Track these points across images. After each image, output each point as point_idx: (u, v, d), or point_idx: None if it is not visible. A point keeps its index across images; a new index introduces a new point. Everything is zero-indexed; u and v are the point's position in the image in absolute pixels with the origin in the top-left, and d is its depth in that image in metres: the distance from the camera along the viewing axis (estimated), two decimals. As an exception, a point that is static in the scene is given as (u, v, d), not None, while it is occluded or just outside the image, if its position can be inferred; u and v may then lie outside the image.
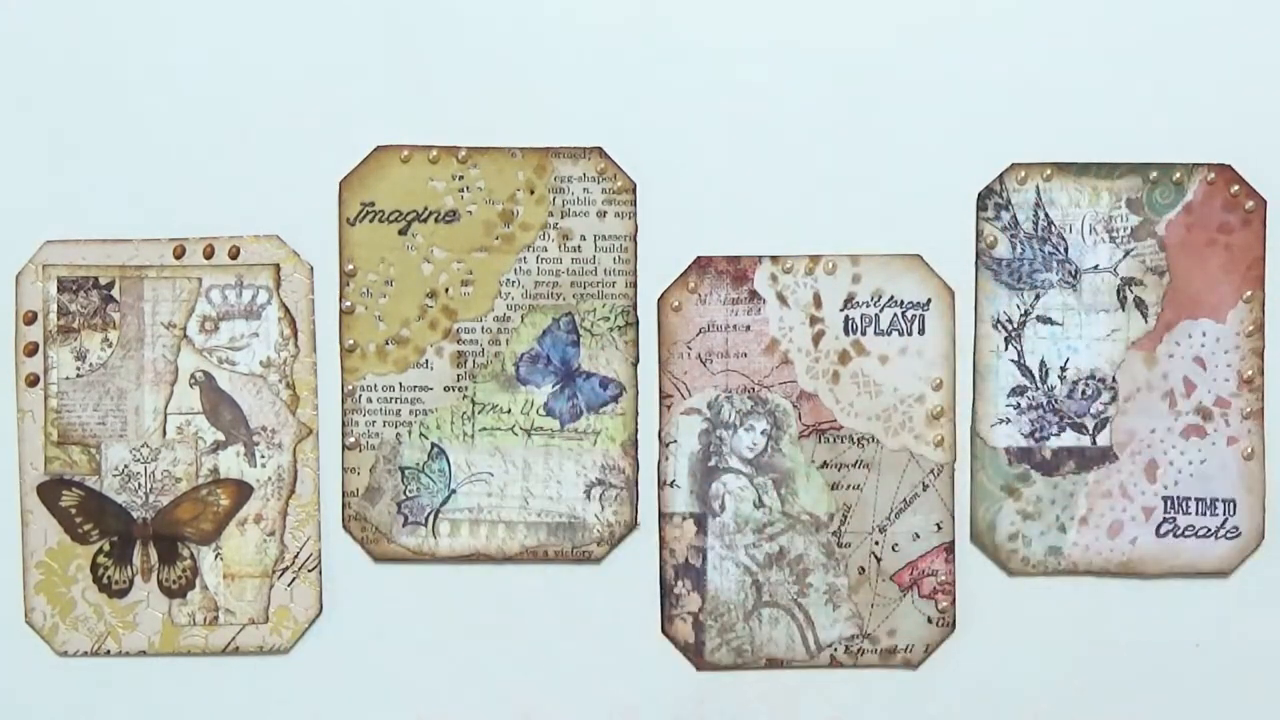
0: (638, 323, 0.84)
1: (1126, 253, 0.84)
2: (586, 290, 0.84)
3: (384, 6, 0.83)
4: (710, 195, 0.84)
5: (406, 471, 0.85)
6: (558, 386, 0.84)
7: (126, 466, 0.84)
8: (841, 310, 0.84)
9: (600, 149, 0.83)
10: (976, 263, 0.84)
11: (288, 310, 0.84)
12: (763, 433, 0.84)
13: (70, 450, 0.84)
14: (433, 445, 0.84)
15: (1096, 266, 0.84)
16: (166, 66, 0.83)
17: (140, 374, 0.84)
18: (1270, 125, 0.84)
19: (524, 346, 0.84)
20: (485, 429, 0.84)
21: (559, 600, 0.85)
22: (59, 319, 0.84)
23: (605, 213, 0.84)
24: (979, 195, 0.84)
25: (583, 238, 0.84)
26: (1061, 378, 0.84)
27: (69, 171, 0.83)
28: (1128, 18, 0.83)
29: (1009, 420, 0.85)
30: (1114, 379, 0.84)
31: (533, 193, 0.84)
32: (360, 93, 0.83)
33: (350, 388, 0.84)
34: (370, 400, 0.84)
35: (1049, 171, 0.84)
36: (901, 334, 0.84)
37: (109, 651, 0.85)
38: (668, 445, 0.85)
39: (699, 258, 0.84)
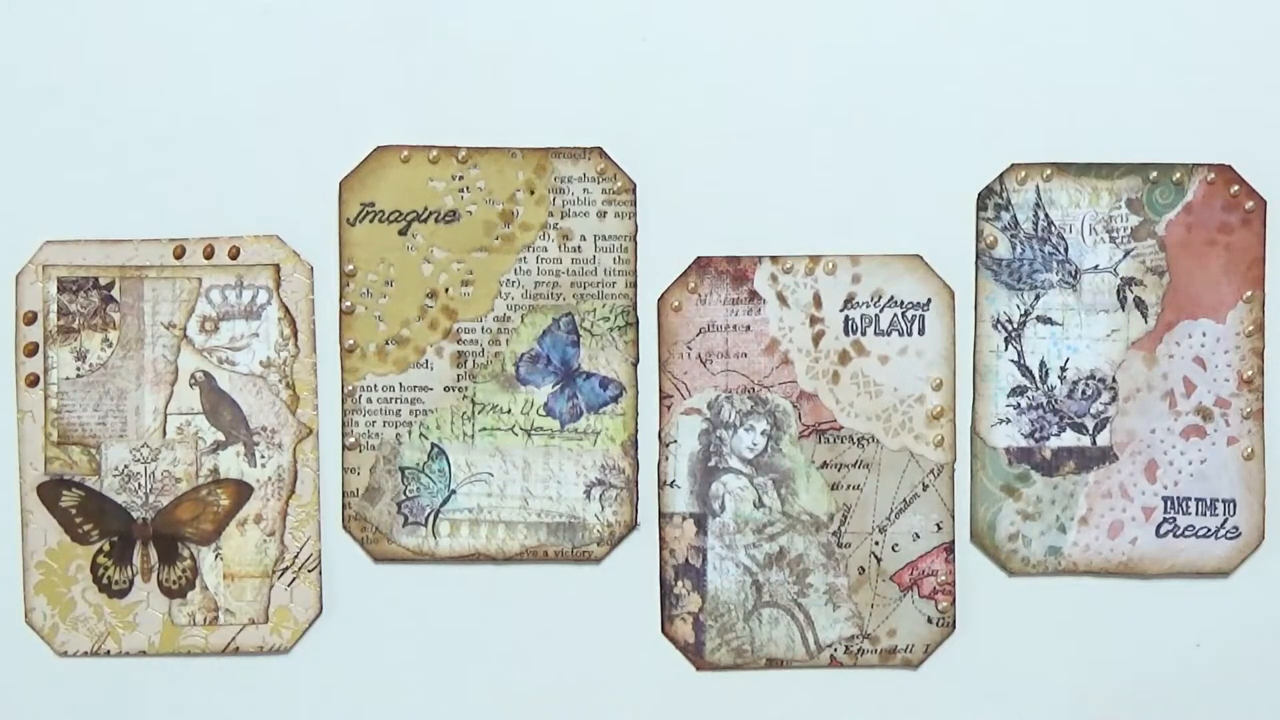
0: (638, 323, 0.84)
1: (1126, 253, 0.84)
2: (586, 290, 0.84)
3: (384, 6, 0.83)
4: (710, 195, 0.84)
5: (406, 471, 0.85)
6: (558, 386, 0.84)
7: (126, 466, 0.84)
8: (841, 310, 0.84)
9: (600, 149, 0.83)
10: (976, 263, 0.84)
11: (288, 310, 0.84)
12: (763, 433, 0.84)
13: (70, 450, 0.84)
14: (433, 445, 0.84)
15: (1096, 266, 0.84)
16: (167, 66, 0.83)
17: (140, 374, 0.84)
18: (1270, 125, 0.84)
19: (524, 346, 0.84)
20: (485, 429, 0.84)
21: (559, 600, 0.85)
22: (59, 319, 0.84)
23: (605, 213, 0.84)
24: (979, 195, 0.84)
25: (583, 238, 0.84)
26: (1061, 378, 0.84)
27: (69, 171, 0.83)
28: (1128, 18, 0.83)
29: (1009, 420, 0.85)
30: (1114, 379, 0.84)
31: (533, 193, 0.83)
32: (360, 93, 0.83)
33: (350, 388, 0.84)
34: (370, 400, 0.84)
35: (1049, 171, 0.84)
36: (901, 334, 0.84)
37: (109, 651, 0.85)
38: (668, 445, 0.85)
39: (699, 258, 0.84)
